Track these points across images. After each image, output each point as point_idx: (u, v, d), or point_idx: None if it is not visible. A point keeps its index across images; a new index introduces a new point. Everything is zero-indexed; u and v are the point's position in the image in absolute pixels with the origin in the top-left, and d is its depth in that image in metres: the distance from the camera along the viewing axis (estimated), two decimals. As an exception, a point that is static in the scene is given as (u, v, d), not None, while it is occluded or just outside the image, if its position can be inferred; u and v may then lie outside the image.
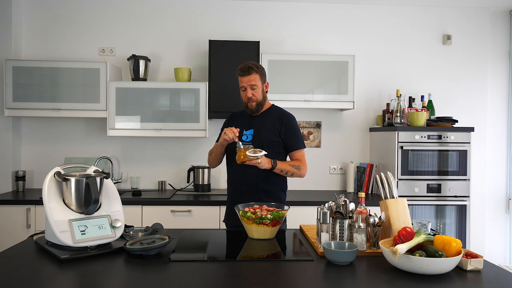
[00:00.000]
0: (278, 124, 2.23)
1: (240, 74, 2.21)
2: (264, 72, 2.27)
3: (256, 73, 2.19)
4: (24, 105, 3.21)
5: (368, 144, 3.74)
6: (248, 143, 2.19)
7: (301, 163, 2.24)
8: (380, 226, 1.62)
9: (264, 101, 2.26)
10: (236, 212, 1.91)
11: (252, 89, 2.19)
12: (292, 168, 2.19)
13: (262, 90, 2.23)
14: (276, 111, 2.31)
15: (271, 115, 2.28)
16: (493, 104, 3.79)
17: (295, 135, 2.25)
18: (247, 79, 2.19)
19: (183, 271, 1.39)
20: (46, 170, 2.92)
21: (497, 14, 3.79)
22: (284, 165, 2.18)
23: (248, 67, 2.19)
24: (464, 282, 1.31)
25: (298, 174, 2.21)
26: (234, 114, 2.41)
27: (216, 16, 3.64)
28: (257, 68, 2.20)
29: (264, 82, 2.26)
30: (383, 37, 3.72)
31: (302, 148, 2.27)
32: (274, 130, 2.22)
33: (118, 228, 1.62)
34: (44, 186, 1.57)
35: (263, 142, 2.18)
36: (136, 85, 3.27)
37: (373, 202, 3.09)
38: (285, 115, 2.28)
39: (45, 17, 3.56)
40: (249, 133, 2.24)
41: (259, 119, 2.27)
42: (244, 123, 2.27)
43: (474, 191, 3.52)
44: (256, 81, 2.19)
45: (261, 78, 2.23)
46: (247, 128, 2.25)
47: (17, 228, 2.95)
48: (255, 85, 2.19)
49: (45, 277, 1.36)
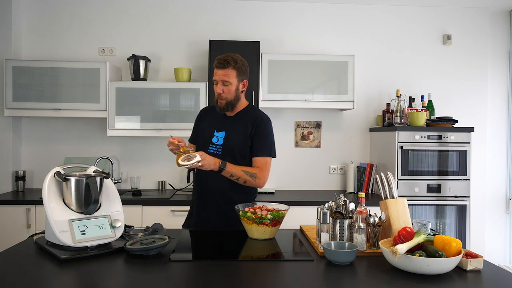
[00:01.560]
0: (250, 127, 2.00)
1: (215, 65, 1.95)
2: (244, 69, 2.00)
3: (233, 68, 1.94)
4: (24, 105, 3.21)
5: (368, 144, 3.74)
6: (219, 146, 2.01)
7: (260, 171, 1.97)
8: (380, 226, 1.62)
9: (236, 101, 2.01)
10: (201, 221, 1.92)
11: (224, 85, 1.95)
12: (244, 175, 1.92)
13: (236, 88, 1.98)
14: (251, 112, 2.06)
15: (245, 116, 2.04)
16: (493, 104, 3.79)
17: (262, 139, 2.00)
18: (221, 73, 1.94)
19: (183, 271, 1.39)
20: (46, 170, 2.91)
21: (497, 14, 3.79)
22: (235, 169, 1.91)
23: (225, 60, 1.93)
24: (464, 282, 1.31)
25: (252, 182, 1.95)
26: (205, 110, 2.20)
27: (216, 16, 3.64)
28: (235, 63, 1.94)
29: (242, 81, 2.00)
30: (383, 37, 3.72)
31: (267, 156, 2.00)
32: (246, 134, 1.99)
33: (118, 228, 1.61)
34: (44, 186, 1.57)
35: (234, 147, 1.99)
36: (136, 85, 3.28)
37: (373, 202, 3.09)
38: (259, 117, 2.03)
39: (45, 17, 3.56)
40: (221, 136, 2.02)
41: (232, 121, 2.04)
42: (217, 123, 2.05)
43: (474, 191, 3.52)
44: (230, 77, 1.94)
45: (238, 75, 1.97)
46: (219, 130, 2.03)
47: (17, 228, 2.95)
48: (228, 81, 1.94)
49: (45, 277, 1.36)
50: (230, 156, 1.99)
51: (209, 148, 2.02)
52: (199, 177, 2.08)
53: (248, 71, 2.05)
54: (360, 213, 1.64)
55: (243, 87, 2.03)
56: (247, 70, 2.04)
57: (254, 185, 1.98)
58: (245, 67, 2.02)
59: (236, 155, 1.99)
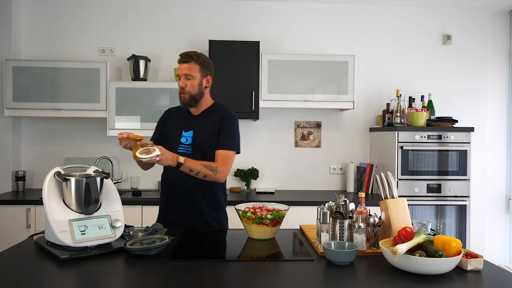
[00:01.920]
0: (217, 122, 2.02)
1: (179, 60, 2.00)
2: (208, 65, 2.03)
3: (196, 62, 1.97)
4: (24, 105, 3.21)
5: (368, 144, 3.74)
6: (188, 146, 2.01)
7: (221, 165, 1.96)
8: (380, 226, 1.62)
9: (200, 97, 2.01)
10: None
11: (187, 78, 1.98)
12: (204, 169, 1.91)
13: (199, 83, 2.00)
14: (218, 110, 2.08)
15: (213, 114, 2.06)
16: (493, 104, 3.79)
17: (227, 133, 2.01)
18: (184, 67, 1.97)
19: (183, 271, 1.39)
20: (46, 170, 2.91)
21: (497, 14, 3.79)
22: (194, 164, 1.90)
23: (187, 54, 1.98)
24: (464, 282, 1.31)
25: (212, 176, 1.93)
26: (170, 111, 2.19)
27: (216, 16, 3.64)
28: (197, 58, 1.98)
29: (206, 76, 2.02)
30: (383, 37, 3.72)
31: (229, 150, 1.99)
32: (214, 131, 2.01)
33: (118, 228, 1.61)
34: (44, 186, 1.57)
35: (203, 145, 2.00)
36: (136, 85, 3.28)
37: (373, 202, 3.09)
38: (226, 113, 2.05)
39: (45, 17, 3.56)
40: (189, 135, 2.03)
41: (199, 120, 2.05)
42: (184, 123, 2.06)
43: (474, 191, 3.52)
44: (193, 71, 1.97)
45: (201, 70, 2.00)
46: (187, 129, 2.04)
47: (17, 228, 2.95)
48: (191, 75, 1.97)
49: (45, 277, 1.36)
50: (200, 154, 1.99)
51: (178, 148, 2.02)
52: (165, 176, 2.10)
53: (212, 68, 2.07)
54: (360, 213, 1.64)
55: (207, 83, 2.04)
56: (211, 67, 2.06)
57: (214, 179, 1.95)
58: (209, 63, 2.04)
59: (206, 152, 1.98)
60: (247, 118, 3.36)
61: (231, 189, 3.53)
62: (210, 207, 2.04)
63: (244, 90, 3.29)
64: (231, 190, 3.52)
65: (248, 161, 3.66)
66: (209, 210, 2.03)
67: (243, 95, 3.28)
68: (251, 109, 3.28)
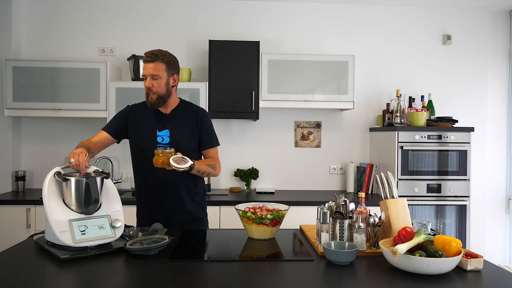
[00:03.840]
0: (194, 121, 2.05)
1: (144, 60, 1.95)
2: (173, 63, 2.00)
3: (162, 61, 1.93)
4: (24, 105, 3.21)
5: (368, 144, 3.74)
6: (166, 145, 1.99)
7: (216, 162, 2.07)
8: (380, 226, 1.62)
9: (168, 96, 1.99)
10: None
11: (153, 79, 1.93)
12: (208, 168, 2.00)
13: (166, 82, 1.96)
14: (189, 107, 2.10)
15: (185, 112, 2.07)
16: (493, 104, 3.79)
17: (210, 131, 2.09)
18: (149, 67, 1.93)
19: (183, 271, 1.39)
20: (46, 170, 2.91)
21: (497, 14, 3.79)
22: (201, 165, 1.95)
23: (152, 53, 1.93)
24: (464, 282, 1.31)
25: (213, 173, 2.04)
26: (134, 108, 2.11)
27: (216, 16, 3.64)
28: (163, 57, 1.94)
29: (172, 75, 2.00)
30: (383, 37, 3.72)
31: (217, 146, 2.12)
32: (191, 129, 2.04)
33: (118, 228, 1.61)
34: (44, 186, 1.57)
35: (184, 143, 2.01)
36: (136, 85, 3.27)
37: (373, 202, 3.09)
38: (199, 111, 2.09)
39: (45, 17, 3.56)
40: (165, 134, 2.02)
41: (172, 119, 2.04)
42: (156, 123, 2.03)
43: (474, 191, 3.53)
44: (159, 70, 1.93)
45: (168, 69, 1.96)
46: (161, 129, 2.02)
47: (17, 228, 2.95)
48: (157, 75, 1.93)
49: (45, 277, 1.36)
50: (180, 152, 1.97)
51: (156, 148, 1.99)
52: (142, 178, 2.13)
53: (178, 66, 2.05)
54: (360, 213, 1.64)
55: (174, 82, 2.02)
56: (176, 65, 2.03)
57: (214, 175, 2.06)
58: (174, 61, 2.01)
59: (184, 150, 1.96)
60: (247, 118, 3.36)
61: (231, 189, 3.53)
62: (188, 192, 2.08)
63: (244, 90, 3.29)
64: (231, 190, 3.51)
65: (248, 161, 3.66)
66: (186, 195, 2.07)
67: (243, 95, 3.28)
68: (251, 109, 3.28)
